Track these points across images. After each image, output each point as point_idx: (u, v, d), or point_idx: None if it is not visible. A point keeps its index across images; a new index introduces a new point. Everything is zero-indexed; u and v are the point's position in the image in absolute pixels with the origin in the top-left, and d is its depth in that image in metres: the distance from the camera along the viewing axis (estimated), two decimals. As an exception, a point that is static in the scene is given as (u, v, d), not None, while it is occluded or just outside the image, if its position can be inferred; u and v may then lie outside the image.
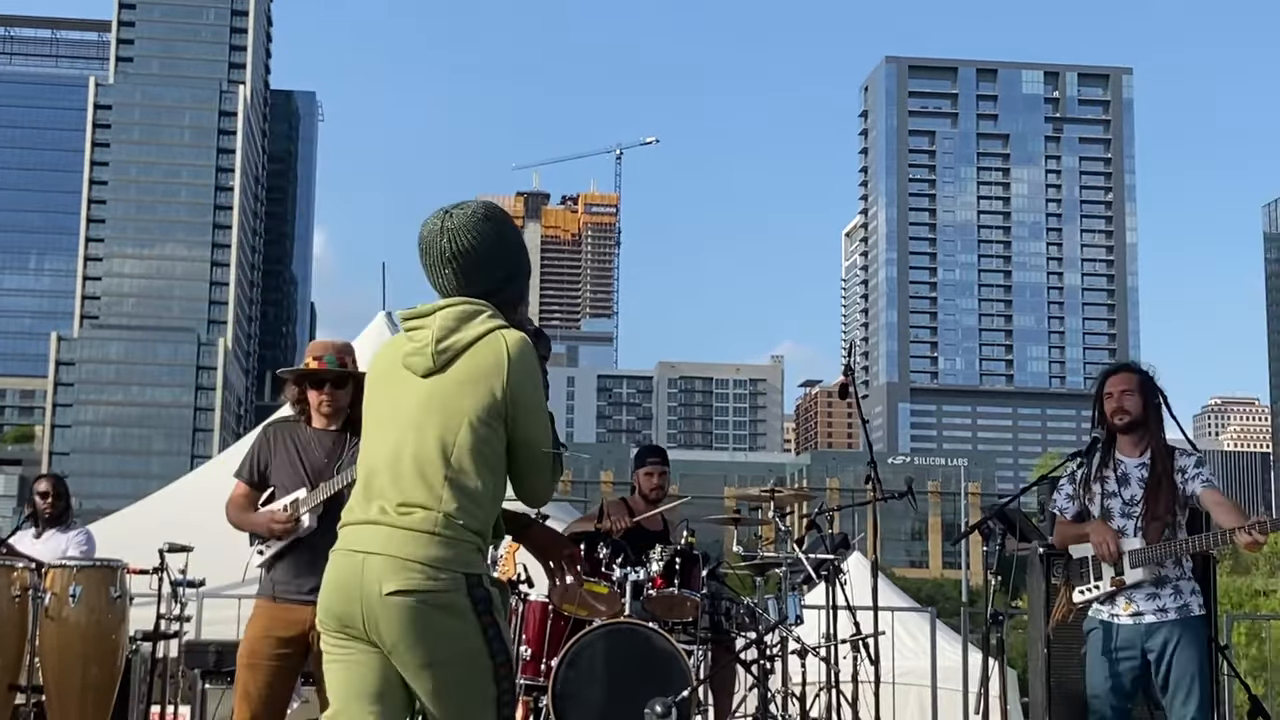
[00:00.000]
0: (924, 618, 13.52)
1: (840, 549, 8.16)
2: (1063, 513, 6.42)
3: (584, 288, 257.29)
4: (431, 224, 3.80)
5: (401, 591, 3.47)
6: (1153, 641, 6.10)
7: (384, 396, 3.74)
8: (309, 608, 5.47)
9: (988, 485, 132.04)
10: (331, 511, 5.59)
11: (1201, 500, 6.12)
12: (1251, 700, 6.79)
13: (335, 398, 5.74)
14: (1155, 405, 6.30)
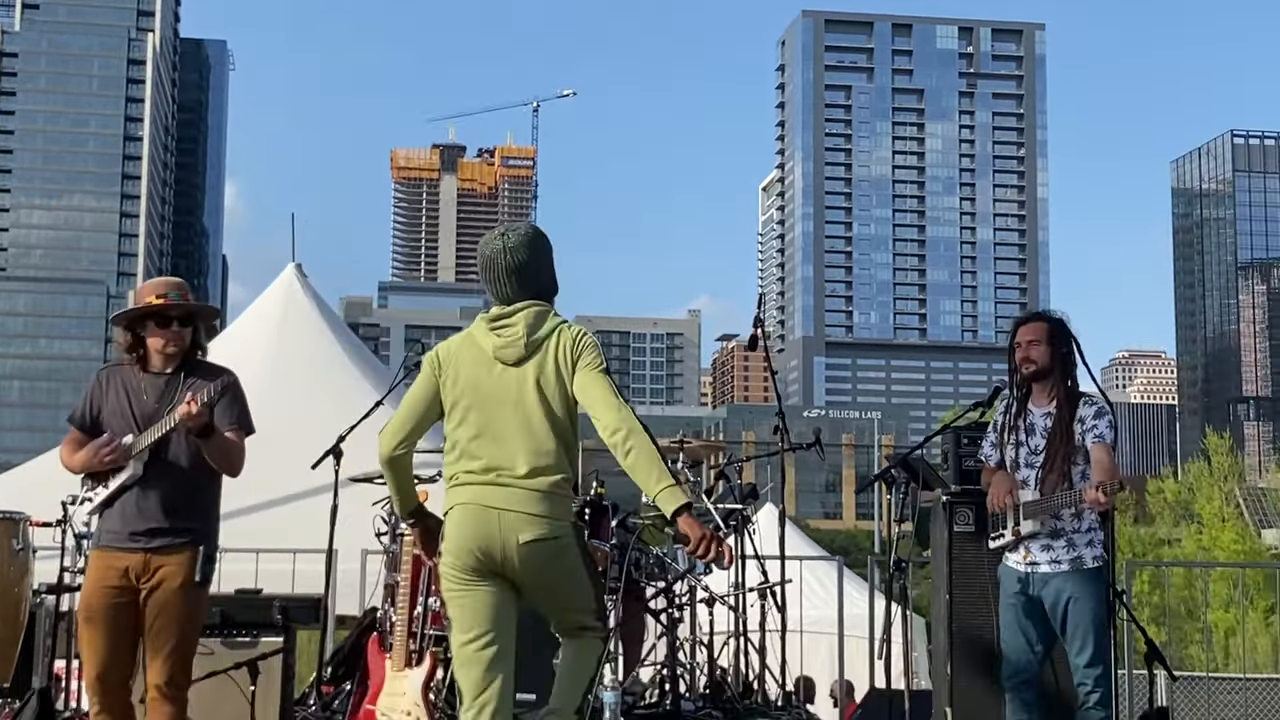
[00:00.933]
0: (833, 567, 13.69)
1: (748, 499, 8.22)
2: (987, 460, 6.51)
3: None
4: (494, 244, 4.90)
5: (534, 540, 4.59)
6: (1048, 591, 6.21)
7: (481, 380, 4.74)
8: (137, 554, 5.43)
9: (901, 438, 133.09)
10: (157, 457, 5.50)
11: (1090, 454, 6.23)
12: (1149, 645, 6.94)
13: (181, 335, 5.58)
14: (1064, 354, 6.37)
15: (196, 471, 5.56)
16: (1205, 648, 29.07)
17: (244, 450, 5.64)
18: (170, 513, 5.48)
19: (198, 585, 5.48)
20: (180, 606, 5.43)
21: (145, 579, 5.45)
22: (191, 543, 5.50)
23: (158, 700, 5.40)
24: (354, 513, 7.67)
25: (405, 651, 6.40)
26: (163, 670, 5.41)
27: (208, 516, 5.62)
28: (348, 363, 12.19)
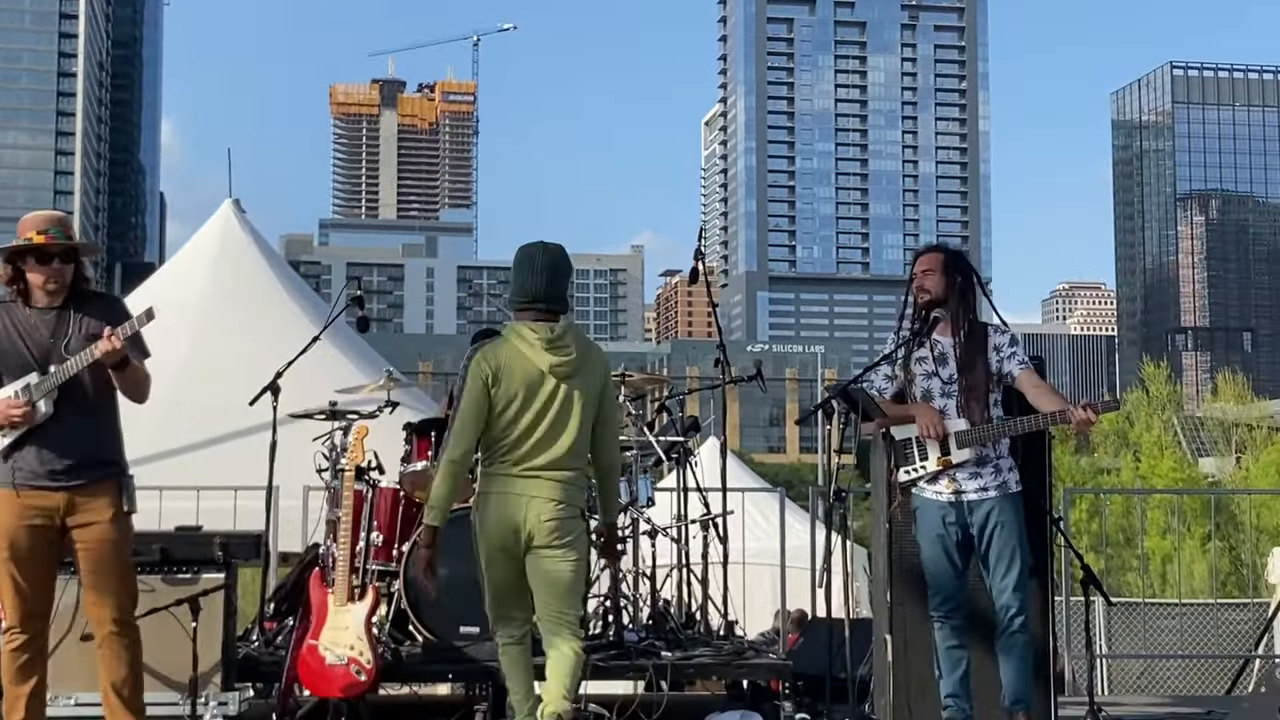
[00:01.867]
0: (775, 498, 13.76)
1: (689, 432, 8.24)
2: (881, 393, 6.51)
3: (442, 178, 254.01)
4: (535, 247, 5.73)
5: (552, 519, 5.50)
6: (974, 517, 6.28)
7: (534, 390, 5.55)
8: (58, 493, 5.40)
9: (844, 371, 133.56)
10: (67, 394, 5.44)
11: (1019, 382, 6.27)
12: (1085, 571, 7.03)
13: (63, 272, 5.48)
14: (961, 284, 6.40)
15: (103, 403, 5.55)
16: (1142, 574, 29.53)
17: (149, 375, 5.61)
18: (88, 448, 5.47)
19: (127, 514, 5.50)
20: (115, 541, 5.45)
21: (71, 517, 5.43)
22: (113, 475, 5.51)
23: (115, 635, 5.45)
24: (295, 449, 7.65)
25: (348, 586, 6.40)
26: (114, 607, 5.46)
27: (119, 446, 5.63)
28: (286, 299, 12.09)
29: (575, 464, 5.60)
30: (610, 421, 5.77)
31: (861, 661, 7.05)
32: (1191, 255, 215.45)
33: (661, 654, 7.07)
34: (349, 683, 6.30)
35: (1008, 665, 6.28)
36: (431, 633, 6.99)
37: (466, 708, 6.74)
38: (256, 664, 6.91)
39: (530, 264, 5.68)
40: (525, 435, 5.53)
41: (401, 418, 8.04)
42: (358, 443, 6.72)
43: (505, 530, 5.51)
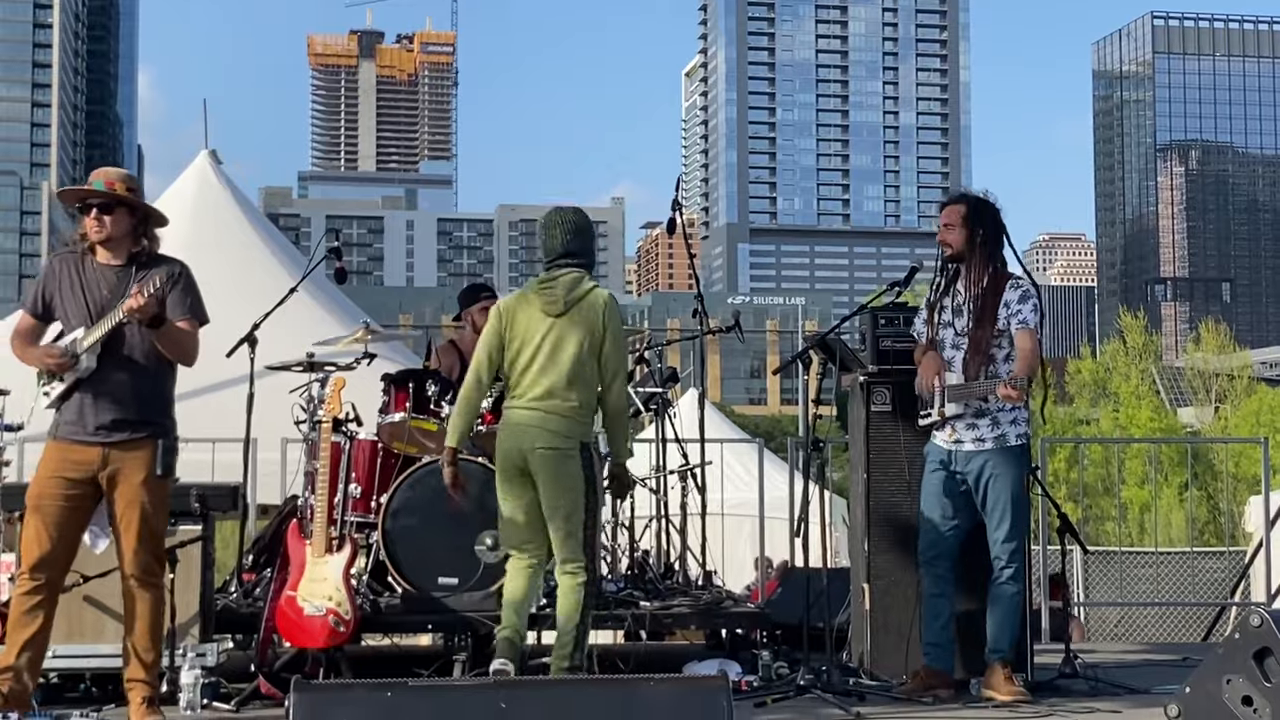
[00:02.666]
0: (754, 449, 13.79)
1: (669, 382, 8.25)
2: (919, 337, 6.59)
3: (421, 129, 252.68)
4: (553, 212, 6.22)
5: (545, 448, 5.88)
6: (970, 467, 6.33)
7: (532, 328, 5.97)
8: (95, 448, 5.47)
9: (824, 323, 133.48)
10: (113, 350, 5.50)
11: (1015, 340, 6.31)
12: (1061, 519, 7.08)
13: (102, 223, 5.55)
14: (986, 235, 6.41)
15: (151, 363, 5.58)
16: (1120, 524, 29.71)
17: (197, 340, 5.68)
18: (127, 406, 5.52)
19: (160, 478, 5.55)
20: (145, 500, 5.52)
21: (105, 473, 5.51)
22: (150, 436, 5.56)
23: (136, 588, 5.55)
24: (272, 401, 7.61)
25: (325, 538, 6.40)
26: (135, 561, 5.54)
27: (165, 409, 5.68)
28: (263, 250, 12.03)
29: (574, 397, 5.93)
30: (609, 361, 6.01)
31: (839, 611, 7.08)
32: (1171, 206, 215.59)
33: (640, 604, 7.09)
34: (328, 633, 6.30)
35: (993, 615, 6.35)
36: (410, 584, 7.00)
37: (445, 658, 6.75)
38: (234, 615, 6.92)
39: (547, 226, 6.18)
40: (525, 370, 5.97)
41: (379, 370, 8.02)
42: (335, 394, 6.70)
43: (508, 460, 5.95)
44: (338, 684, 2.69)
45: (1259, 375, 59.92)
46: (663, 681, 2.85)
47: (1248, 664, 4.71)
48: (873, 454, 7.00)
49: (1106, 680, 6.69)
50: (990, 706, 6.13)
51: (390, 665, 6.93)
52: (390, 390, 7.45)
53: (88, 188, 5.62)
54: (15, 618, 5.51)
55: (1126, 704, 6.24)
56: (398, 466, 7.35)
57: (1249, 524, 15.28)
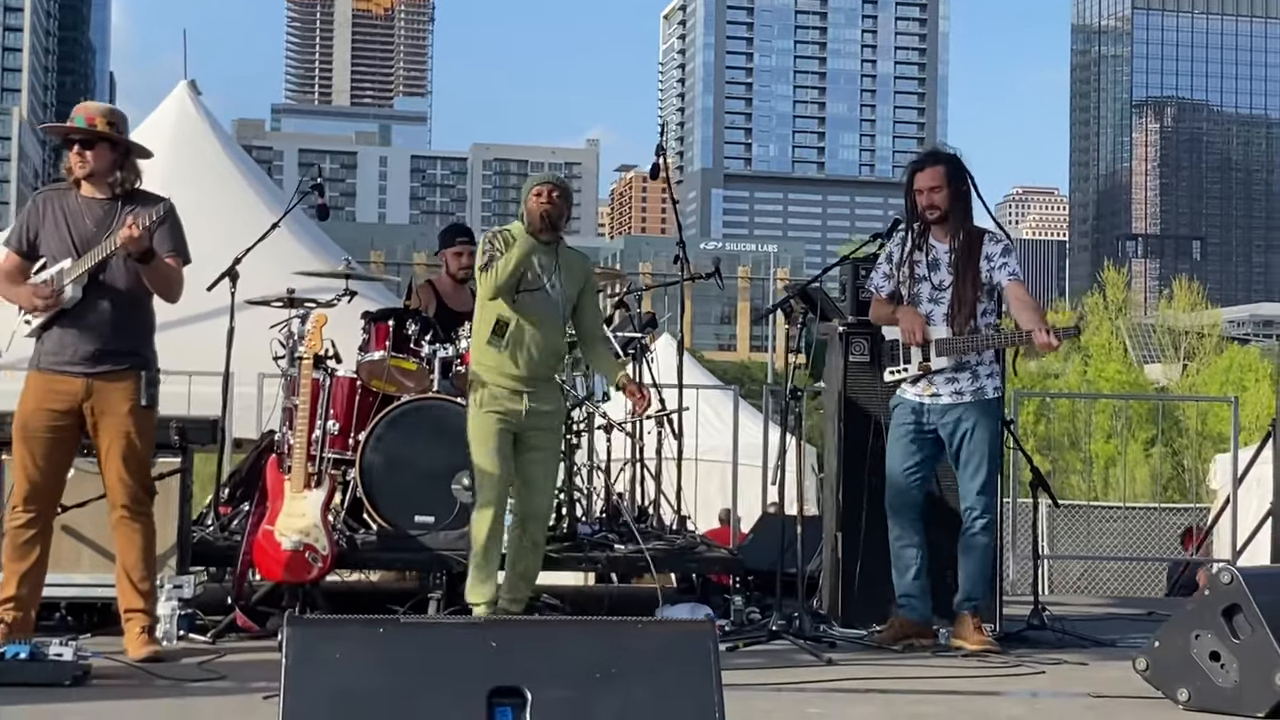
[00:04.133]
0: (729, 396, 13.85)
1: (647, 328, 8.27)
2: (878, 291, 6.59)
3: (397, 65, 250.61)
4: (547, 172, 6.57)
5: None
6: (947, 419, 6.38)
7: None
8: (79, 379, 5.49)
9: (796, 271, 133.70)
10: (99, 282, 5.51)
11: (1005, 293, 6.35)
12: (1034, 472, 7.15)
13: (84, 158, 5.56)
14: (963, 193, 6.45)
15: (134, 296, 5.61)
16: (1086, 477, 30.01)
17: (182, 277, 5.70)
18: (111, 337, 5.55)
19: (145, 408, 5.58)
20: (131, 431, 5.55)
21: (89, 403, 5.52)
22: (133, 368, 5.58)
23: (126, 519, 5.60)
24: (250, 336, 7.61)
25: (304, 474, 6.41)
26: (125, 492, 5.58)
27: (147, 340, 5.71)
28: (241, 183, 11.96)
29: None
30: (591, 312, 6.54)
31: (811, 558, 7.15)
32: (1145, 162, 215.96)
33: (615, 547, 7.14)
34: (304, 568, 6.34)
35: (965, 565, 6.42)
36: (386, 521, 7.03)
37: (420, 596, 6.80)
38: (210, 548, 6.94)
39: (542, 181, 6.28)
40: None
41: (359, 307, 8.02)
42: (316, 330, 6.70)
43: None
44: (331, 619, 2.72)
45: (1227, 334, 60.36)
46: (650, 624, 2.89)
47: (1216, 620, 4.78)
48: (848, 404, 7.06)
49: (1073, 633, 6.79)
50: (960, 655, 6.21)
51: (365, 602, 6.99)
52: (370, 328, 7.45)
53: (69, 124, 5.61)
54: (11, 550, 5.55)
55: (1093, 655, 6.34)
56: (376, 404, 7.37)
57: (1214, 481, 15.46)
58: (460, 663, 2.72)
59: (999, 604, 6.82)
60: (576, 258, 6.45)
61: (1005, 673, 5.82)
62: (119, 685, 5.11)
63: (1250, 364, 45.59)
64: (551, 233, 6.20)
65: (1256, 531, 9.94)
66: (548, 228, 6.15)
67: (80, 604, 6.42)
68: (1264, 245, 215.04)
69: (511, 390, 6.13)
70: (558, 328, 6.28)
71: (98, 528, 6.15)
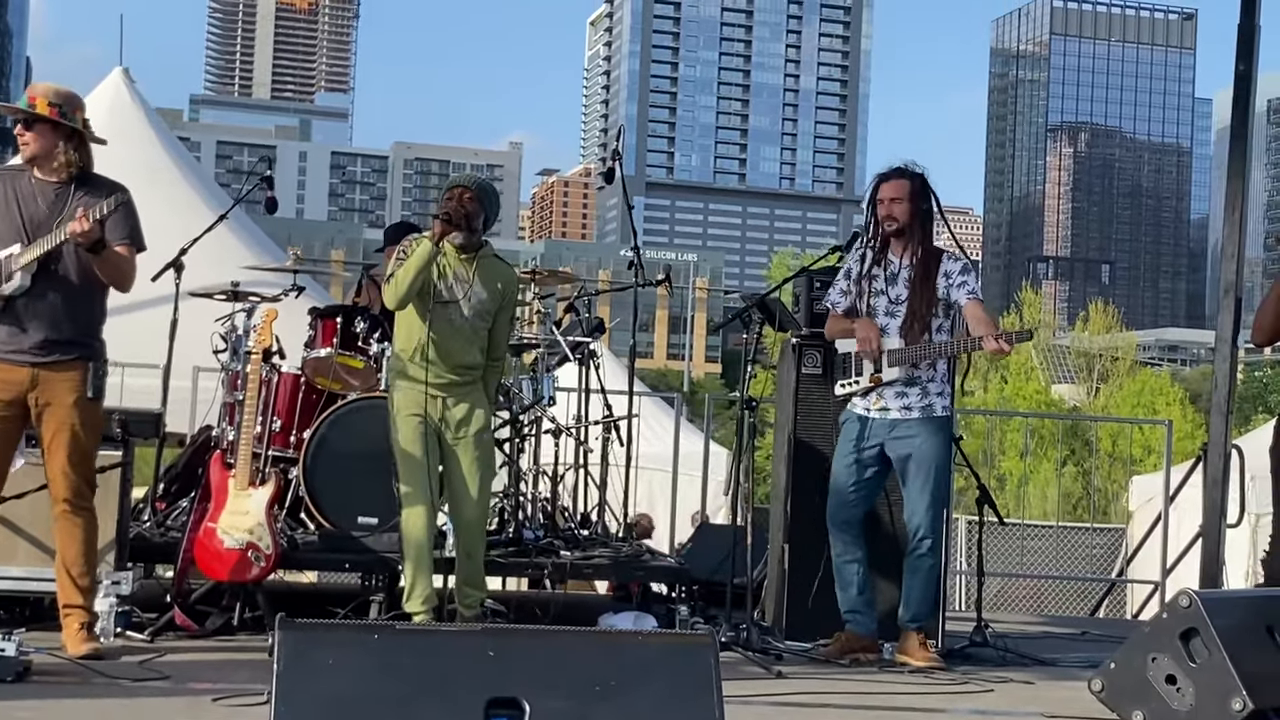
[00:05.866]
0: (656, 403, 13.90)
1: (595, 332, 8.21)
2: (835, 306, 6.58)
3: (319, 59, 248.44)
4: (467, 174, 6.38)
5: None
6: (894, 436, 6.37)
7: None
8: (25, 369, 5.36)
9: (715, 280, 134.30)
10: (48, 270, 5.38)
11: (964, 311, 6.35)
12: (980, 489, 7.17)
13: (24, 139, 5.44)
14: (925, 210, 6.46)
15: (85, 285, 5.47)
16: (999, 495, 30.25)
17: (135, 266, 5.58)
18: (59, 326, 5.41)
19: (91, 400, 5.44)
20: (76, 423, 5.41)
21: (35, 394, 5.38)
22: (81, 358, 5.44)
23: (68, 513, 5.46)
24: (187, 328, 7.46)
25: (249, 471, 6.29)
26: (67, 487, 5.44)
27: (96, 331, 5.57)
28: (176, 173, 11.79)
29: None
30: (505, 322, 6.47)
31: (757, 568, 7.11)
32: (1058, 186, 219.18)
33: (560, 553, 7.07)
34: (246, 567, 6.21)
35: (911, 584, 6.41)
36: (329, 522, 6.92)
37: (363, 598, 6.69)
38: (148, 544, 6.79)
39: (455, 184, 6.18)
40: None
41: (304, 303, 7.91)
42: (266, 325, 6.58)
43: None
44: (324, 624, 2.62)
45: (1135, 359, 61.31)
46: (650, 636, 2.85)
47: (1174, 643, 4.80)
48: (800, 415, 7.03)
49: (1016, 650, 6.80)
50: (906, 671, 6.20)
51: (307, 602, 6.85)
52: (317, 324, 7.33)
53: (11, 105, 5.53)
54: None
55: (1038, 675, 6.36)
56: (320, 403, 7.25)
57: (1131, 503, 15.64)
58: (458, 671, 2.66)
59: (941, 620, 6.82)
60: (499, 270, 6.32)
61: (954, 690, 5.82)
62: (61, 682, 4.99)
63: (1161, 388, 46.38)
64: (467, 235, 6.09)
65: (1185, 552, 10.06)
66: (450, 228, 6.02)
67: (12, 597, 6.25)
68: (1171, 271, 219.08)
69: (429, 395, 6.09)
70: (471, 342, 6.16)
71: (35, 520, 6.00)
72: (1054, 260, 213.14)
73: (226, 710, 4.60)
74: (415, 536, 6.02)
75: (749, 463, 6.88)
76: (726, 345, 21.66)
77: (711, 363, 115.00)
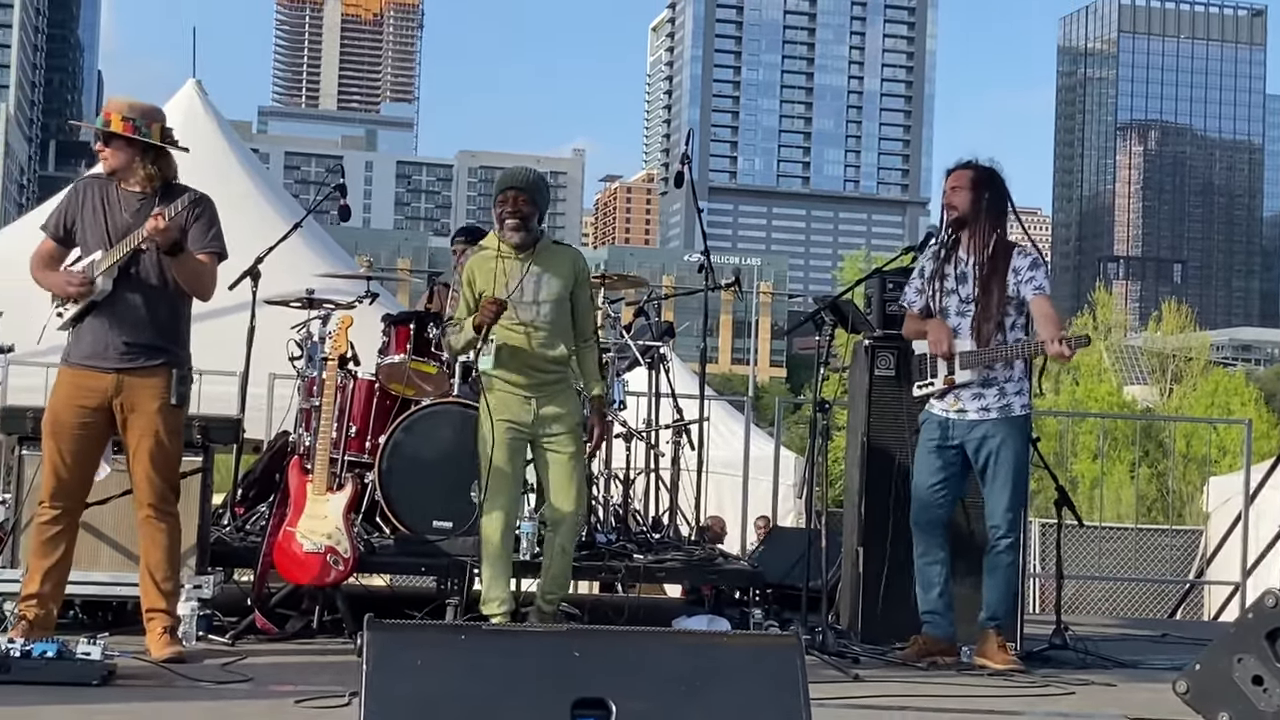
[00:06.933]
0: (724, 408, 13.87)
1: (665, 336, 8.22)
2: (910, 306, 6.54)
3: (385, 70, 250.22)
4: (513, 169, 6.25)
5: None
6: (972, 437, 6.32)
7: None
8: (109, 375, 5.43)
9: (779, 285, 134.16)
10: (131, 276, 5.45)
11: (1031, 307, 6.29)
12: (1059, 491, 7.11)
13: (104, 155, 5.52)
14: (989, 202, 6.39)
15: (166, 291, 5.53)
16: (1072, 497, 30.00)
17: (215, 274, 5.63)
18: (142, 332, 5.47)
19: (174, 406, 5.50)
20: (159, 430, 5.48)
21: (119, 399, 5.45)
22: (165, 365, 5.50)
23: (152, 519, 5.53)
24: (263, 336, 7.54)
25: (327, 476, 6.35)
26: (150, 492, 5.51)
27: (179, 338, 5.63)
28: (249, 184, 11.92)
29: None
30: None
31: (831, 571, 7.09)
32: (1128, 185, 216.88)
33: (633, 557, 7.08)
34: (325, 571, 6.27)
35: (990, 584, 6.36)
36: (404, 526, 6.97)
37: (439, 601, 6.73)
38: (227, 548, 6.86)
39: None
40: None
41: (375, 310, 7.97)
42: (342, 332, 6.63)
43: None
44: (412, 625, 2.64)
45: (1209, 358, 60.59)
46: (736, 638, 2.84)
47: (1260, 644, 4.74)
48: (873, 417, 7.00)
49: (1096, 653, 6.73)
50: (985, 674, 6.15)
51: (384, 605, 6.90)
52: (391, 331, 7.39)
53: (87, 123, 5.63)
54: (37, 546, 5.50)
55: (1119, 677, 6.28)
56: (395, 408, 7.30)
57: (1207, 504, 15.45)
58: (543, 671, 2.67)
59: (1020, 623, 6.76)
60: (563, 255, 6.20)
61: (1034, 693, 5.77)
62: (146, 685, 5.05)
63: (1235, 388, 45.79)
64: (524, 234, 6.02)
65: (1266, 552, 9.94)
66: (516, 233, 6.00)
67: (94, 602, 6.35)
68: (1244, 270, 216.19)
69: (519, 398, 6.06)
70: (554, 335, 6.07)
71: (118, 525, 6.09)
72: (1125, 260, 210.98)
73: (308, 712, 4.64)
74: (495, 540, 6.02)
75: (822, 465, 6.84)
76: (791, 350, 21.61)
77: (776, 367, 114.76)
